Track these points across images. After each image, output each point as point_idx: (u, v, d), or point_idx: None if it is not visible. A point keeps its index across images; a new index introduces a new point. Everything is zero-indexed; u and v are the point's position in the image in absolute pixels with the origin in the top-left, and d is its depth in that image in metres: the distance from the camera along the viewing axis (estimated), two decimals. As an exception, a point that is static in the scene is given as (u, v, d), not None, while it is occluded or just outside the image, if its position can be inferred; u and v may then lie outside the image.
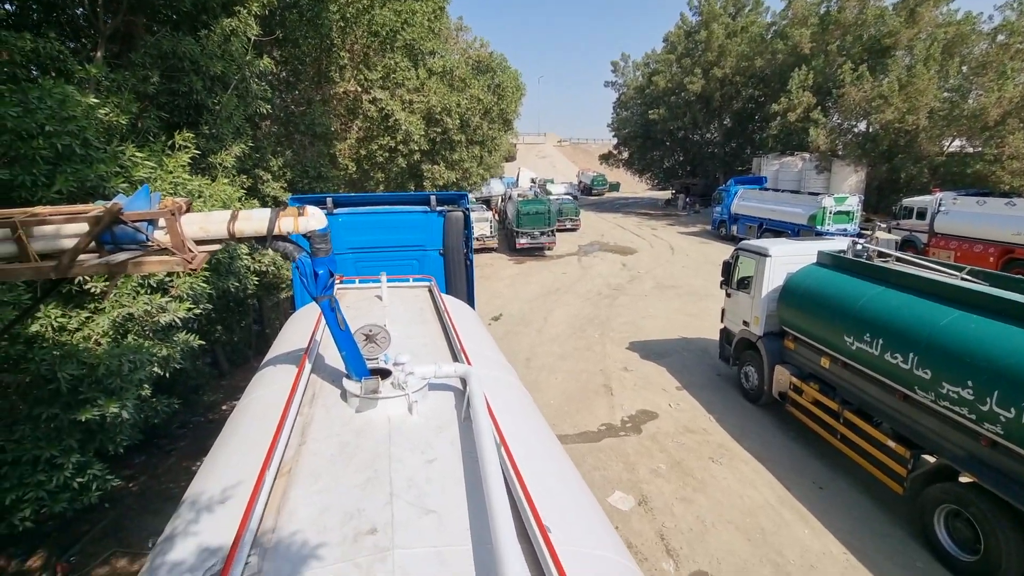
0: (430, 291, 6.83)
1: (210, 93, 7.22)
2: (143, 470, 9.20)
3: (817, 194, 24.55)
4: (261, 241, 3.33)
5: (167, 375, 5.36)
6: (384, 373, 3.74)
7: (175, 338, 5.43)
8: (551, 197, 31.02)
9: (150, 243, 3.11)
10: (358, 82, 13.52)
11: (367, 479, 2.84)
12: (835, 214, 22.55)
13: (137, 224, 3.06)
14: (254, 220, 3.25)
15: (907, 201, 21.57)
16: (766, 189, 28.49)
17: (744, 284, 10.95)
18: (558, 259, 26.29)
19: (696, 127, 44.73)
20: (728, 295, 11.51)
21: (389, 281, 6.41)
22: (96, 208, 3.05)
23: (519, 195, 29.44)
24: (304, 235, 3.40)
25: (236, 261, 6.61)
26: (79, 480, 4.70)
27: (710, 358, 13.40)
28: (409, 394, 3.52)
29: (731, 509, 7.90)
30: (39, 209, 3.14)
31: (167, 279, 5.20)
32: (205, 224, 3.22)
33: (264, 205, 10.27)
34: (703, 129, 45.48)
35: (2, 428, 4.48)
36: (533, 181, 46.54)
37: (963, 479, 6.82)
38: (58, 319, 4.59)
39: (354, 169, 14.03)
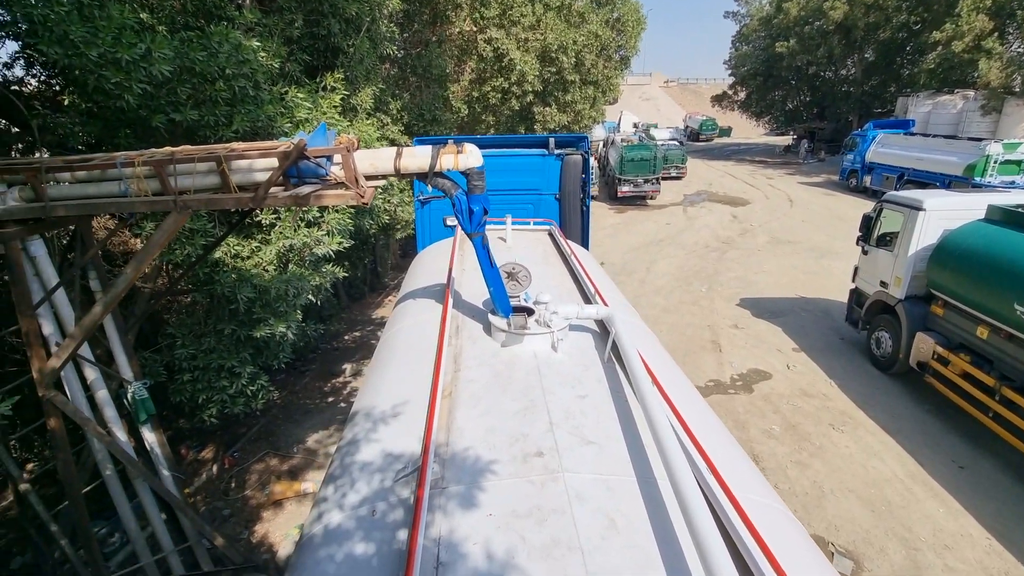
0: (551, 235, 6.86)
1: (345, 35, 7.49)
2: (284, 386, 10.44)
3: (979, 139, 21.06)
4: (422, 177, 3.48)
5: (318, 302, 5.94)
6: (527, 311, 3.86)
7: (323, 269, 5.98)
8: (656, 143, 29.36)
9: (328, 177, 3.37)
10: (473, 20, 13.35)
11: (524, 407, 3.00)
12: (1002, 163, 19.32)
13: (318, 159, 3.31)
14: (417, 157, 3.39)
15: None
16: (913, 134, 24.84)
17: (886, 241, 9.86)
18: (662, 209, 25.19)
19: (831, 62, 39.47)
20: (865, 252, 10.44)
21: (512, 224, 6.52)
22: (284, 144, 3.34)
23: (623, 140, 28.18)
24: (462, 172, 3.50)
25: (372, 200, 7.06)
26: (250, 388, 5.45)
27: (832, 320, 12.43)
28: (554, 332, 3.62)
29: (852, 478, 7.50)
30: (235, 145, 3.49)
31: (319, 214, 5.68)
32: (374, 160, 3.41)
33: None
34: (838, 64, 40.12)
35: (193, 339, 5.27)
36: (636, 126, 44.19)
37: None
38: (235, 247, 5.21)
39: (466, 112, 14.11)
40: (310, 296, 5.73)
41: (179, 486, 5.09)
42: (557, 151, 8.28)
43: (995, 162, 19.41)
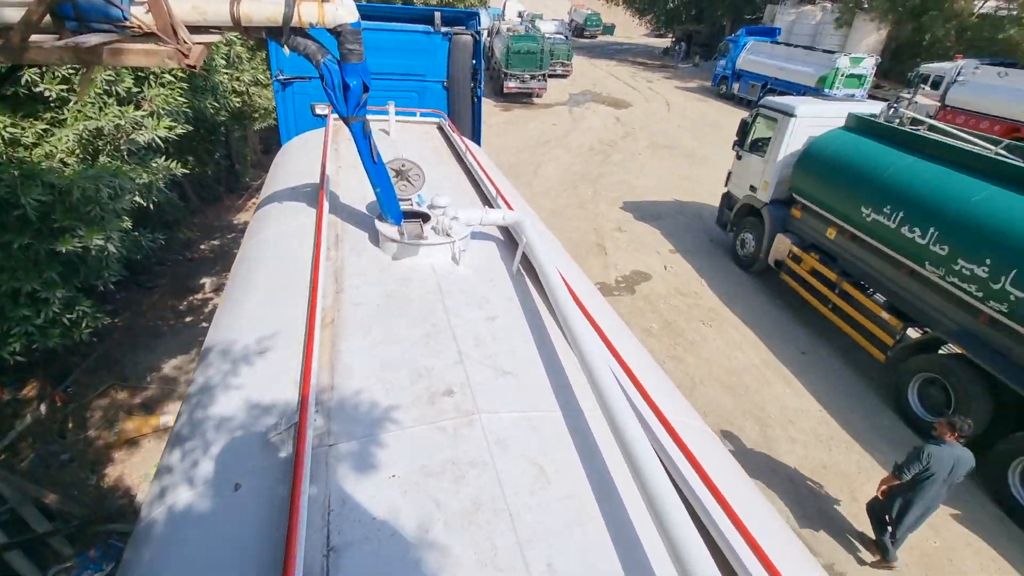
0: (441, 128, 6.04)
1: None
2: (126, 306, 8.84)
3: (832, 52, 22.74)
4: (275, 35, 2.55)
5: (150, 205, 4.69)
6: (422, 216, 3.24)
7: (154, 163, 4.66)
8: (543, 35, 27.83)
9: (129, 24, 2.31)
10: None
11: (426, 334, 2.51)
12: (847, 77, 21.16)
13: (107, -6, 2.23)
14: (266, 2, 2.44)
15: (925, 68, 20.27)
16: (778, 43, 26.16)
17: (759, 146, 10.32)
18: (547, 108, 24.50)
19: (712, -42, 39.52)
20: (739, 157, 10.91)
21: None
22: (44, -35, 2.18)
23: (509, 30, 26.30)
24: (330, 31, 2.62)
25: (214, 75, 5.52)
26: (68, 316, 4.28)
27: (703, 223, 13.25)
28: (456, 241, 3.08)
29: (718, 368, 8.26)
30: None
31: (136, 88, 4.26)
32: (201, 3, 2.39)
33: None
34: (718, -38, 40.26)
35: (-33, 255, 3.89)
36: (521, 15, 41.52)
37: (943, 351, 7.20)
38: (7, 129, 3.76)
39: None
40: (137, 198, 4.47)
41: (-24, 443, 4.00)
42: (444, 29, 7.15)
43: (842, 75, 21.18)
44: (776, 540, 1.84)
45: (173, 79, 4.39)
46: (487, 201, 4.14)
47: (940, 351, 7.23)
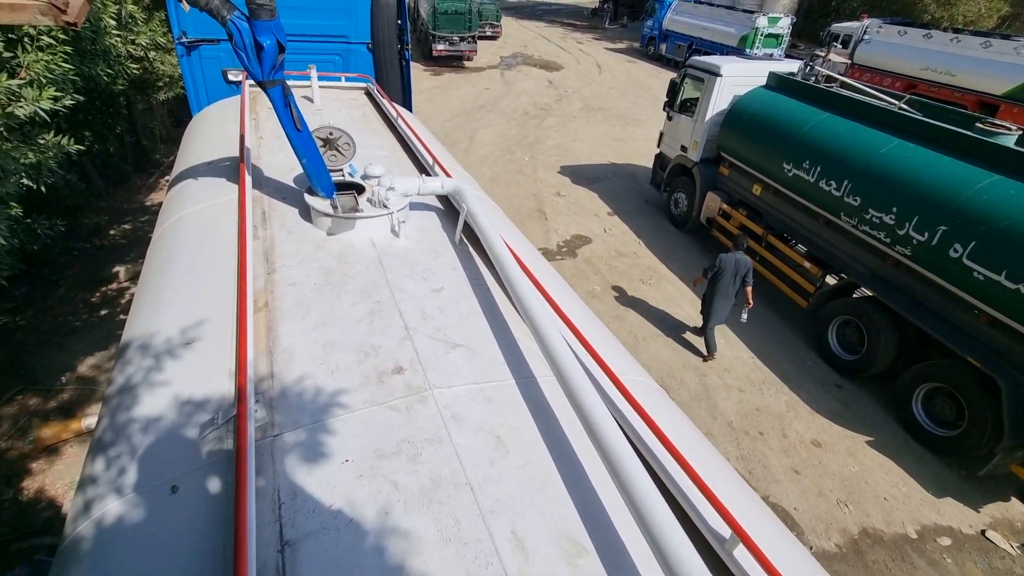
0: (368, 93, 5.73)
1: None
2: (29, 303, 8.00)
3: (751, 12, 23.42)
4: (172, -11, 2.26)
5: (41, 188, 4.17)
6: (357, 188, 3.07)
7: (41, 140, 4.11)
8: (469, -5, 26.87)
9: (-13, -26, 1.97)
10: None
11: (370, 312, 2.40)
12: (765, 37, 21.90)
13: (-46, -64, 1.87)
14: (157, -49, 2.15)
15: (835, 27, 21.30)
16: (701, 3, 26.62)
17: (688, 107, 10.56)
18: (479, 72, 23.90)
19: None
20: (669, 118, 11.12)
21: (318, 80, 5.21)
22: None
23: (434, -12, 25.17)
24: (237, -16, 2.36)
25: (103, 37, 4.89)
26: (-47, 317, 3.79)
27: (638, 184, 13.52)
28: (394, 213, 2.94)
29: (660, 323, 8.58)
30: None
31: (10, 54, 3.68)
32: (76, -49, 2.07)
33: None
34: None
35: None
36: (445, -27, 39.82)
37: (857, 295, 7.81)
38: None
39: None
40: (25, 180, 3.93)
41: None
42: (364, -14, 6.73)
43: (761, 35, 21.90)
44: (729, 487, 1.93)
45: (54, 42, 3.84)
46: (423, 169, 3.99)
47: (854, 295, 7.84)
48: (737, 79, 9.53)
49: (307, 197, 2.99)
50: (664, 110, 11.21)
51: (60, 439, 6.10)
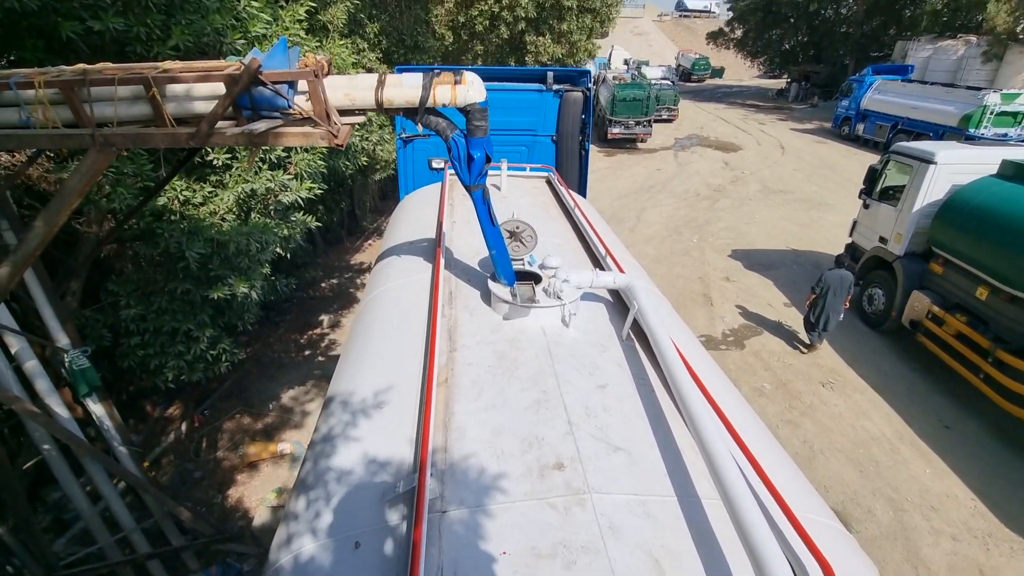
0: (549, 182, 6.21)
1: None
2: (256, 338, 9.84)
3: (978, 89, 20.46)
4: (410, 114, 2.81)
5: (287, 255, 5.28)
6: (534, 278, 3.31)
7: (293, 218, 5.27)
8: (648, 82, 27.95)
9: (291, 111, 2.67)
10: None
11: (536, 400, 2.51)
12: (998, 115, 18.86)
13: (278, 86, 2.59)
14: (405, 87, 2.71)
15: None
16: (911, 80, 24.07)
17: (889, 195, 9.44)
18: (652, 153, 24.32)
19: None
20: (866, 206, 10.03)
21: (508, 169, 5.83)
22: (231, 65, 2.60)
23: (615, 78, 26.74)
24: (460, 109, 2.83)
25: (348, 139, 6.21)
26: (211, 352, 4.86)
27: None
28: (566, 304, 3.10)
29: (841, 438, 7.41)
30: (169, 65, 2.73)
31: (284, 154, 4.90)
32: (350, 90, 2.71)
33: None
34: (839, 1, 38.41)
35: (141, 298, 4.59)
36: (627, 62, 42.15)
37: None
38: (183, 192, 4.46)
39: (451, 39, 12.82)
40: (277, 250, 5.06)
41: (137, 460, 4.58)
42: (556, 87, 7.45)
43: (991, 113, 18.94)
44: None
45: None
46: (596, 260, 4.15)
47: None
48: (956, 167, 8.34)
49: (490, 283, 3.30)
50: (860, 197, 10.16)
51: (260, 457, 7.21)
